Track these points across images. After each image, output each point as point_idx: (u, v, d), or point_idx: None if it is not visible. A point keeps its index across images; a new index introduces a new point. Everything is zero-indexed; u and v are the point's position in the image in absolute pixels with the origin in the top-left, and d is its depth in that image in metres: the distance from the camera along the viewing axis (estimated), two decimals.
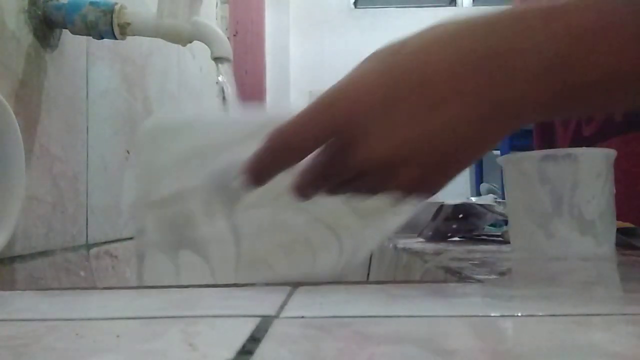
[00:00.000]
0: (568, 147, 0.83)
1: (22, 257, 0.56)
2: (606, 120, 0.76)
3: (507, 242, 0.65)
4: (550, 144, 0.90)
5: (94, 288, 0.45)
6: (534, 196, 0.51)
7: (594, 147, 0.53)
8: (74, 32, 0.64)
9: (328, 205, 0.42)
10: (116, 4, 0.64)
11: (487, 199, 1.26)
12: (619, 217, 0.55)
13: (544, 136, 0.93)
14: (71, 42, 0.67)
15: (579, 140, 0.82)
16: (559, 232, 0.50)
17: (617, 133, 0.74)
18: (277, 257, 0.46)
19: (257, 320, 0.25)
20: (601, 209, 0.50)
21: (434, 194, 0.38)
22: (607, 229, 0.51)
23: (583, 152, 0.51)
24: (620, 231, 0.55)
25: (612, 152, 0.52)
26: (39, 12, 0.61)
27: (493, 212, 0.77)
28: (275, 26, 3.24)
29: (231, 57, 0.65)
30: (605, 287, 0.38)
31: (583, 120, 0.81)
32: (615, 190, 0.52)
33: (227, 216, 0.45)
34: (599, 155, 0.51)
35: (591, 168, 0.50)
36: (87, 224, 0.71)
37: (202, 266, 0.45)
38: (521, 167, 0.52)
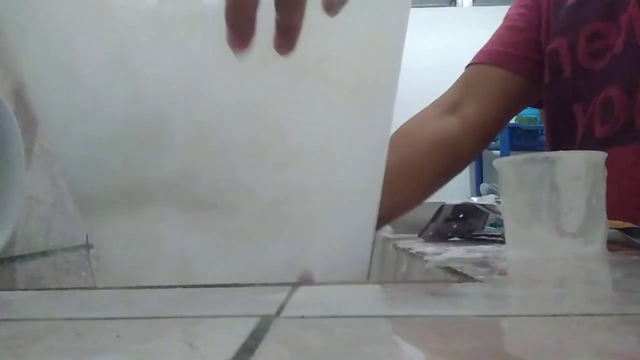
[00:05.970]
0: (578, 148, 0.82)
1: (22, 257, 0.56)
2: (625, 125, 0.75)
3: None
4: (560, 145, 0.88)
5: (94, 288, 0.44)
6: (515, 198, 0.53)
7: (606, 150, 0.53)
8: None
9: None
10: None
11: (488, 199, 1.26)
12: (625, 219, 0.55)
13: (553, 136, 0.91)
14: None
15: (589, 140, 0.81)
16: (538, 234, 0.51)
17: (636, 140, 0.73)
18: None
19: (257, 320, 0.25)
20: (582, 210, 0.50)
21: None
22: (592, 229, 0.51)
23: (560, 155, 0.51)
24: (621, 231, 0.56)
25: (597, 154, 0.52)
26: None
27: (494, 212, 0.77)
28: None
29: None
30: (605, 287, 0.38)
31: (596, 121, 0.80)
32: (611, 194, 0.52)
33: None
34: (577, 158, 0.52)
35: (568, 171, 0.51)
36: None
37: None
38: (505, 170, 0.54)
